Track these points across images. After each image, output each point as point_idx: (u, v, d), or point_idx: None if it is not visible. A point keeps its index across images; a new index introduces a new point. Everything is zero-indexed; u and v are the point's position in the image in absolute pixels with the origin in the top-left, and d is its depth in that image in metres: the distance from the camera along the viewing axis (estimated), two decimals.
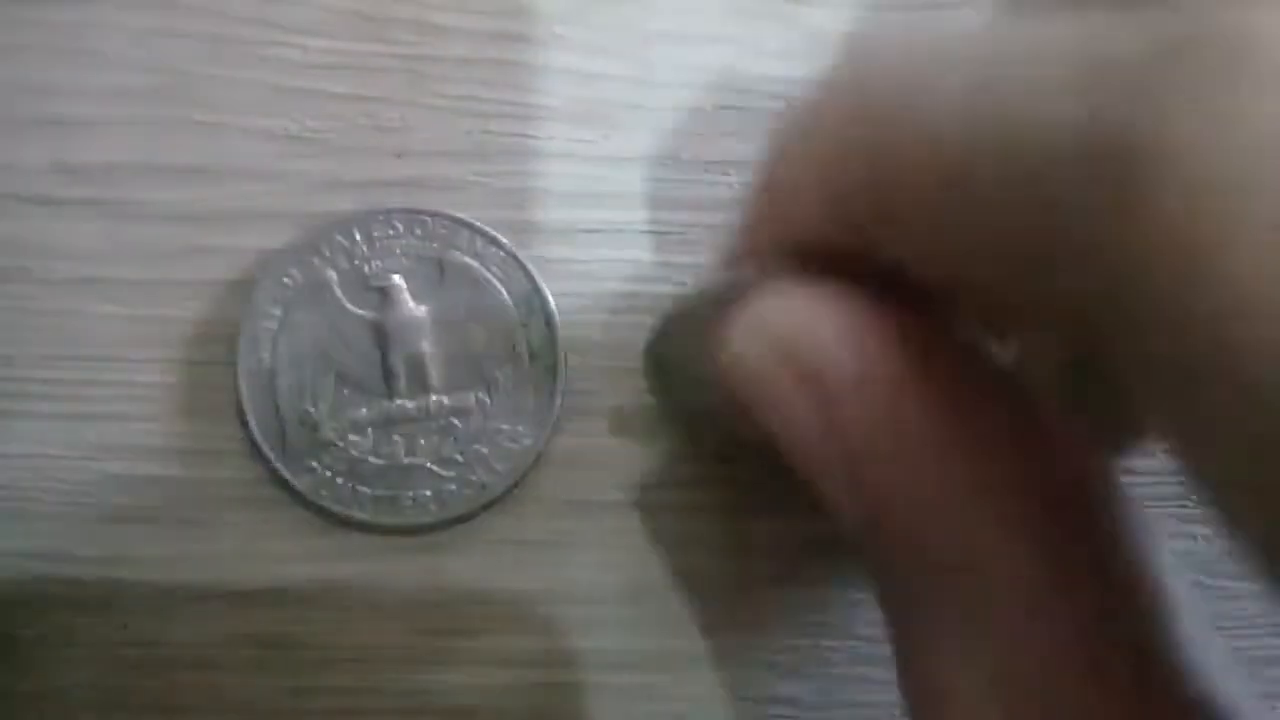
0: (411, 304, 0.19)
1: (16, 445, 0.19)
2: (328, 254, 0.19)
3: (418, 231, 0.19)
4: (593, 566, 0.20)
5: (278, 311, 0.19)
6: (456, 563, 0.19)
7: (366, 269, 0.19)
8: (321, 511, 0.19)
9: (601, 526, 0.20)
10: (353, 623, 0.19)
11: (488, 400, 0.19)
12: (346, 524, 0.19)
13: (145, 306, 0.19)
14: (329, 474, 0.19)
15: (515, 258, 0.19)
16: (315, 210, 0.19)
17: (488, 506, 0.19)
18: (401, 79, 0.19)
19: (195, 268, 0.19)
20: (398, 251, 0.19)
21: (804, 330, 0.14)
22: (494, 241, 0.19)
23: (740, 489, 0.20)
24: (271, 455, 0.19)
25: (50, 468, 0.19)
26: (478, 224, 0.19)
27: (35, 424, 0.19)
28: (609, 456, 0.20)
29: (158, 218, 0.19)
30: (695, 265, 0.20)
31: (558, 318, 0.19)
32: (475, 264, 0.19)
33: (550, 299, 0.19)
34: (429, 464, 0.19)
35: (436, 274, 0.19)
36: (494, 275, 0.19)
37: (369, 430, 0.19)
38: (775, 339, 0.14)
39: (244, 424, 0.19)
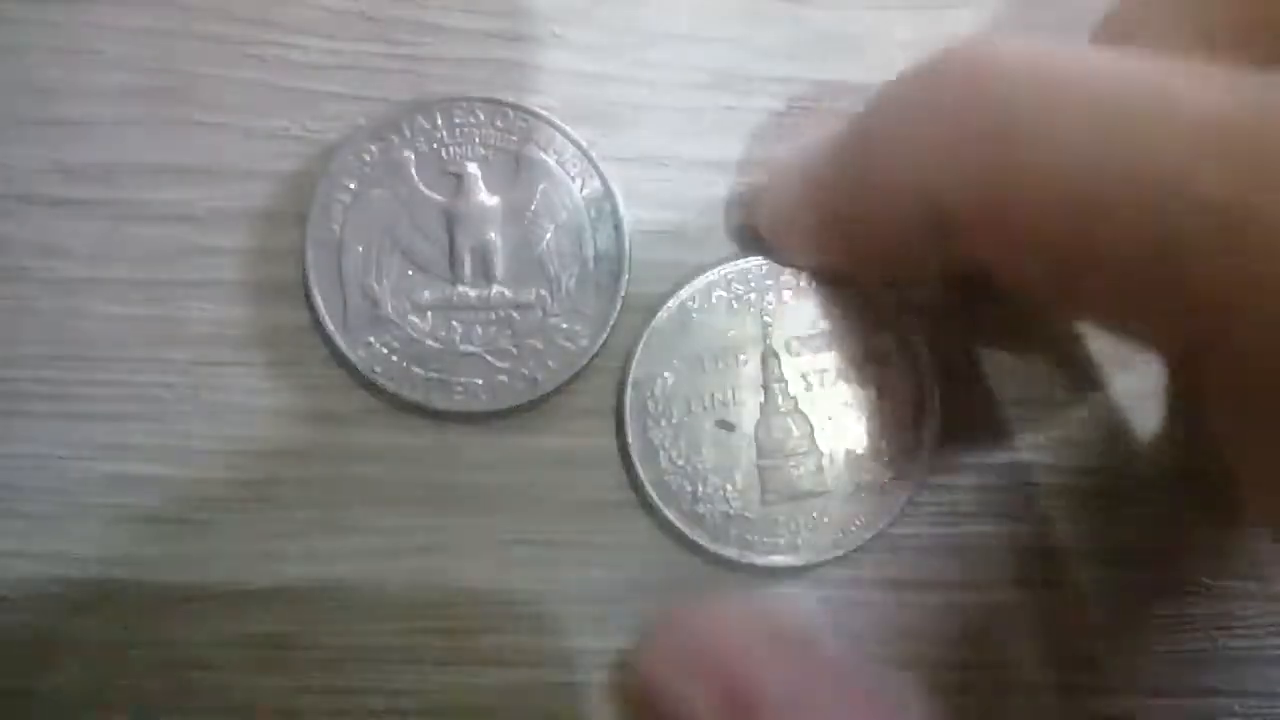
0: (484, 193, 0.19)
1: (16, 445, 0.19)
2: (408, 134, 0.19)
3: (498, 123, 0.19)
4: (593, 566, 0.20)
5: (352, 185, 0.19)
6: (457, 563, 0.19)
7: (444, 154, 0.19)
8: (375, 389, 0.19)
9: (601, 526, 0.20)
10: (353, 623, 0.19)
11: (548, 297, 0.19)
12: (398, 405, 0.19)
13: (145, 306, 0.19)
14: (385, 351, 0.19)
15: (591, 159, 0.19)
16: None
17: (536, 404, 0.19)
18: (401, 79, 0.19)
19: (195, 268, 0.19)
20: (477, 140, 0.19)
21: (708, 641, 0.15)
22: (573, 140, 0.19)
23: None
24: (331, 327, 0.19)
25: (50, 468, 0.19)
26: (558, 121, 0.19)
27: (35, 424, 0.19)
28: (609, 456, 0.20)
29: (158, 218, 0.19)
30: (698, 265, 0.20)
31: (626, 224, 0.19)
32: (552, 161, 0.19)
33: (621, 204, 0.19)
34: (484, 353, 0.19)
35: (512, 166, 0.19)
36: (569, 174, 0.19)
37: (429, 313, 0.19)
38: (680, 648, 0.15)
39: (308, 294, 0.19)
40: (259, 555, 0.19)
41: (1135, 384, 0.21)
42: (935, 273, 0.19)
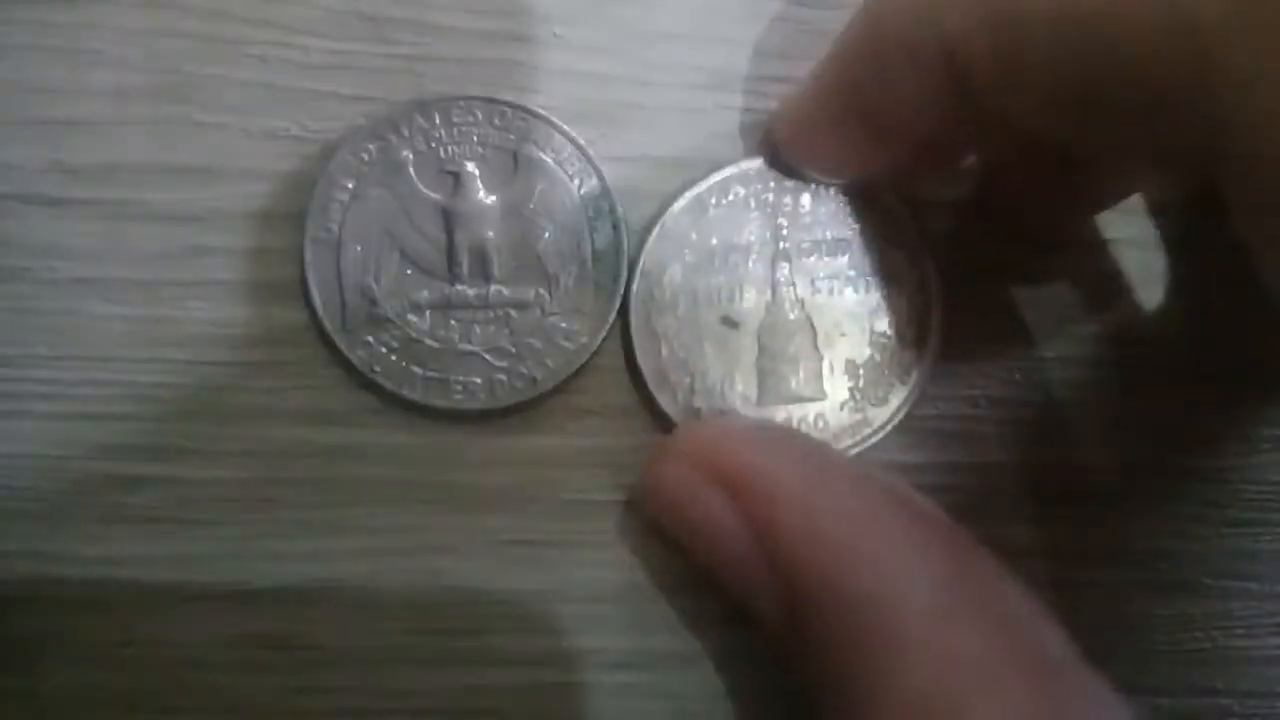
0: (482, 192, 0.19)
1: (16, 445, 0.19)
2: (406, 134, 0.19)
3: (496, 121, 0.19)
4: (593, 566, 0.20)
5: (350, 184, 0.19)
6: (457, 563, 0.19)
7: (442, 153, 0.19)
8: (374, 389, 0.19)
9: (601, 526, 0.20)
10: (353, 623, 0.19)
11: (547, 296, 0.19)
12: (397, 405, 0.19)
13: (145, 306, 0.19)
14: (383, 350, 0.19)
15: (590, 158, 0.19)
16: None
17: (535, 403, 0.19)
18: (401, 79, 0.19)
19: (194, 267, 0.19)
20: (475, 139, 0.19)
21: (724, 445, 0.16)
22: (571, 139, 0.19)
23: None
24: (329, 326, 0.19)
25: (50, 468, 0.19)
26: (556, 119, 0.19)
27: (35, 424, 0.19)
28: (609, 456, 0.20)
29: (158, 218, 0.19)
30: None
31: (625, 223, 0.19)
32: (550, 159, 0.19)
33: (620, 202, 0.19)
34: (482, 352, 0.19)
35: (510, 165, 0.19)
36: (567, 173, 0.19)
37: (427, 312, 0.19)
38: (698, 455, 0.15)
39: (306, 294, 0.19)
40: (257, 555, 0.19)
41: (1143, 382, 0.21)
42: (952, 155, 0.19)
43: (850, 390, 0.20)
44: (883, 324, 0.20)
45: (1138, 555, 0.21)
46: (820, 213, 0.20)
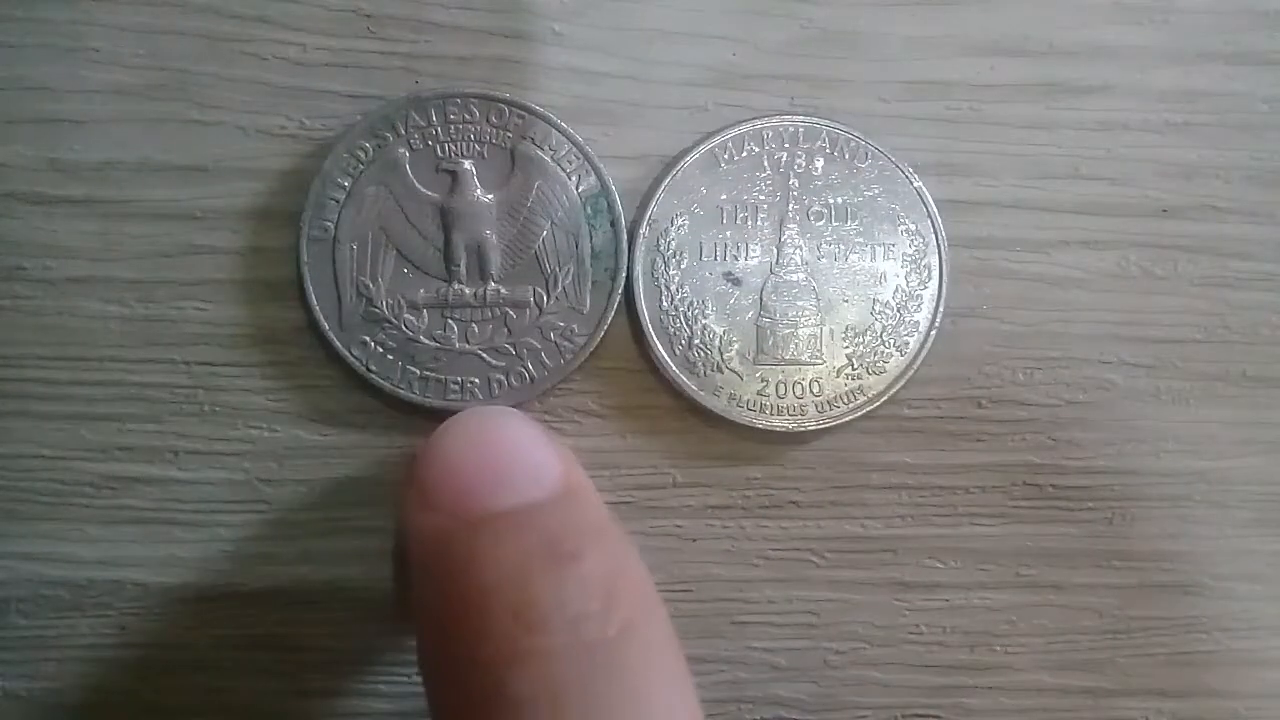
0: (479, 190, 0.19)
1: (15, 445, 0.19)
2: (403, 131, 0.19)
3: (493, 119, 0.19)
4: None
5: (346, 183, 0.19)
6: None
7: (439, 150, 0.19)
8: (371, 389, 0.19)
9: None
10: (353, 624, 0.19)
11: (545, 295, 0.19)
12: (395, 405, 0.19)
13: (141, 306, 0.19)
14: (380, 350, 0.19)
15: (588, 155, 0.19)
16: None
17: (532, 403, 0.19)
18: (399, 76, 0.19)
19: (191, 266, 0.19)
20: (471, 136, 0.19)
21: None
22: (568, 136, 0.19)
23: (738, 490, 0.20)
24: (326, 326, 0.19)
25: (49, 468, 0.19)
26: (554, 117, 0.19)
27: (33, 424, 0.19)
28: (608, 456, 0.20)
29: (153, 216, 0.19)
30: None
31: (624, 221, 0.19)
32: (548, 157, 0.19)
33: (619, 201, 0.19)
34: (480, 351, 0.19)
35: (508, 163, 0.19)
36: (565, 170, 0.19)
37: (424, 311, 0.19)
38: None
39: (303, 293, 0.19)
40: (256, 556, 0.19)
41: (1143, 383, 0.20)
42: None
43: (849, 357, 0.20)
44: (886, 293, 0.20)
45: (1140, 557, 0.21)
46: (833, 177, 0.20)
